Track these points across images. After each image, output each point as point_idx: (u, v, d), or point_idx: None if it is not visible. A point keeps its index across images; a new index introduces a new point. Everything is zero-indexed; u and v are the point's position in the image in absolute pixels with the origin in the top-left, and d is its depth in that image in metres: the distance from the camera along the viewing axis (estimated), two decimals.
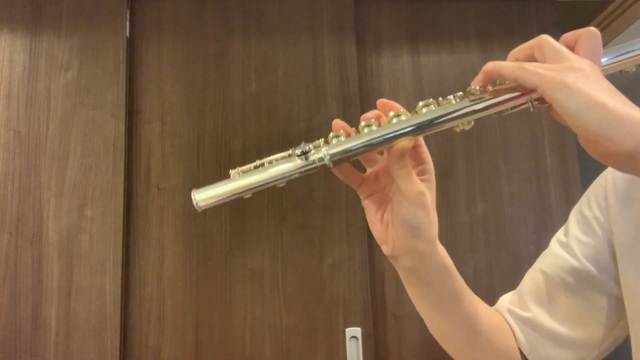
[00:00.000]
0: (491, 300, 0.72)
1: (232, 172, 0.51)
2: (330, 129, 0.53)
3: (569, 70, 0.42)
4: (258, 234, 1.62)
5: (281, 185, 0.51)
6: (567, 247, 0.64)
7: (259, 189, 0.50)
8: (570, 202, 1.73)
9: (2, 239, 1.53)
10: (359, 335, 1.57)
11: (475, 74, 0.53)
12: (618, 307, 0.61)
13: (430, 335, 0.64)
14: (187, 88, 1.68)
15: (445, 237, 1.69)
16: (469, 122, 0.49)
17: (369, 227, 0.54)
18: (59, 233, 1.54)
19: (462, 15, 1.83)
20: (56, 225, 1.55)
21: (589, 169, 0.73)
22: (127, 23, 1.68)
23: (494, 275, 1.67)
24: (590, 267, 0.61)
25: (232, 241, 1.62)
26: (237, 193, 0.49)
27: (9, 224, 1.54)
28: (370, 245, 1.63)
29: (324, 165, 0.49)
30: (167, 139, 1.65)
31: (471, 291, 0.59)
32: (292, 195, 1.65)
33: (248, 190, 0.49)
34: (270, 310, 1.59)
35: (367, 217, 0.55)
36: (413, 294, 0.57)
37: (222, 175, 1.64)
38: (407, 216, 0.50)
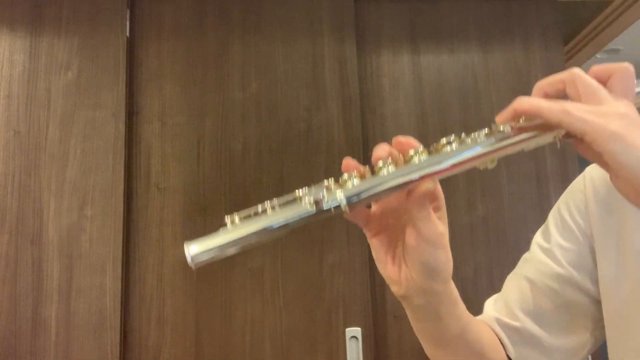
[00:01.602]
0: None
1: (227, 219, 0.44)
2: (330, 129, 0.51)
3: (616, 117, 0.40)
4: None
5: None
6: (549, 253, 0.65)
7: (264, 241, 0.43)
8: None
9: (2, 239, 1.53)
10: (359, 335, 1.57)
11: (475, 73, 0.51)
12: (598, 308, 0.62)
13: None
14: (187, 88, 1.68)
15: None
16: (492, 161, 0.46)
17: None
18: (59, 233, 1.54)
19: (462, 15, 1.83)
20: (56, 225, 1.55)
21: None
22: (127, 23, 1.68)
23: (494, 275, 1.67)
24: (573, 271, 0.63)
25: None
26: (238, 245, 0.42)
27: (9, 224, 1.54)
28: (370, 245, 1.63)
29: (338, 210, 0.44)
30: (167, 139, 1.65)
31: (467, 312, 0.57)
32: None
33: (250, 242, 0.43)
34: (270, 311, 1.59)
35: (376, 256, 0.52)
36: (420, 328, 0.56)
37: (222, 175, 1.64)
38: (428, 259, 0.47)
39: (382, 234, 0.51)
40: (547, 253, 0.65)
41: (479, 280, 1.66)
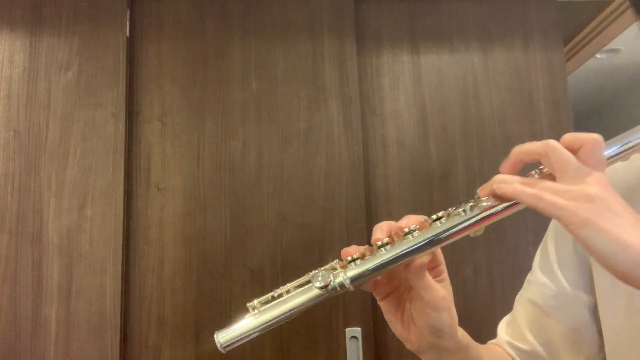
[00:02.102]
0: (490, 301, 0.72)
1: (249, 305, 0.53)
2: (329, 129, 0.52)
3: (587, 200, 0.42)
4: (258, 234, 1.62)
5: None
6: (549, 273, 0.67)
7: (282, 322, 0.52)
8: None
9: (2, 239, 1.53)
10: (359, 335, 1.57)
11: (475, 74, 0.52)
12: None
13: None
14: (187, 88, 1.68)
15: None
16: (479, 229, 0.51)
17: (369, 227, 0.54)
18: (59, 233, 1.54)
19: (462, 15, 1.83)
20: (56, 225, 1.55)
21: None
22: (127, 23, 1.68)
23: (494, 275, 1.67)
24: (572, 288, 0.64)
25: (232, 241, 1.62)
26: (261, 330, 0.51)
27: (9, 224, 1.54)
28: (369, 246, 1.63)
29: (344, 288, 0.51)
30: (167, 139, 1.65)
31: (477, 345, 0.60)
32: (292, 195, 1.65)
33: (271, 326, 0.51)
34: None
35: (386, 317, 0.57)
36: None
37: (222, 175, 1.64)
38: (432, 322, 0.51)
39: (389, 296, 0.56)
40: (546, 273, 0.67)
41: (478, 280, 1.66)
